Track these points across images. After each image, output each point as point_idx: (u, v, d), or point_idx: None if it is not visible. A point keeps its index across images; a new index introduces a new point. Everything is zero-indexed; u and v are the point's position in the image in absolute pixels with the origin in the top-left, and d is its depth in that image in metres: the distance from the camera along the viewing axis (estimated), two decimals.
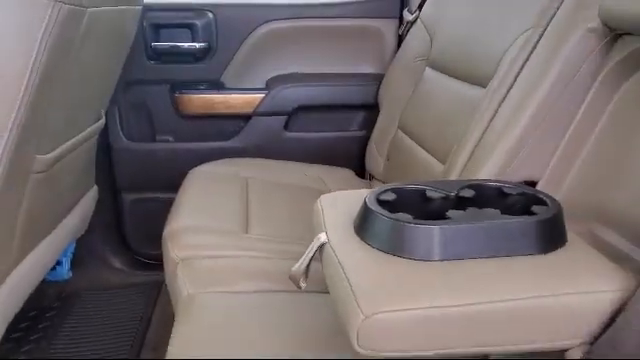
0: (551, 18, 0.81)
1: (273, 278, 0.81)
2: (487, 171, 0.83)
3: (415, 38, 1.38)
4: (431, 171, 1.06)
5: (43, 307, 1.38)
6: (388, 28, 1.53)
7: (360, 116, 1.54)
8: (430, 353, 0.48)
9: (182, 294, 0.80)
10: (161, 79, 1.50)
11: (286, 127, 1.53)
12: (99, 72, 1.08)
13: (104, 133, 1.39)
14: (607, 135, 0.77)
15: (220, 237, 0.94)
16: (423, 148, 1.16)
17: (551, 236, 0.58)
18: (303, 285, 0.61)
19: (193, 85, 1.52)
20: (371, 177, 1.45)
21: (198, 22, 1.47)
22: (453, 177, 0.92)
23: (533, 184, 0.83)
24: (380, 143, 1.39)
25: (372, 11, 1.52)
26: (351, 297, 0.48)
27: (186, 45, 1.47)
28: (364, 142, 1.48)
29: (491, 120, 0.87)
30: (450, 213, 0.58)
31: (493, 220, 0.57)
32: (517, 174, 0.82)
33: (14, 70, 0.71)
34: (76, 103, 0.98)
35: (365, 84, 1.52)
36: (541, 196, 0.63)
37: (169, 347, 0.70)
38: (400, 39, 1.50)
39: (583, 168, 0.79)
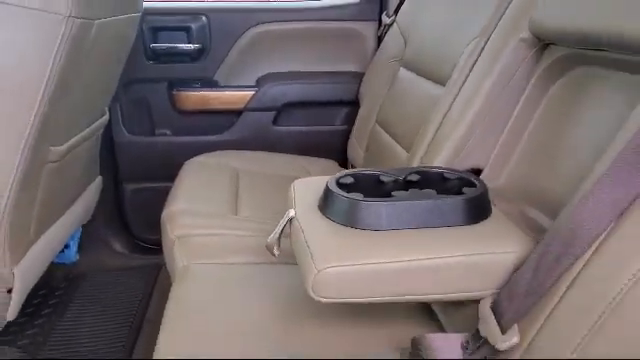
0: (494, 29, 0.94)
1: (256, 252, 0.95)
2: (441, 159, 0.96)
3: (392, 40, 1.50)
4: (399, 160, 1.19)
5: (52, 286, 1.50)
6: (368, 30, 1.65)
7: (343, 111, 1.66)
8: (370, 299, 0.62)
9: (178, 266, 0.94)
10: (159, 77, 1.61)
11: (275, 122, 1.65)
12: (104, 74, 1.20)
13: (107, 128, 1.50)
14: (538, 130, 0.90)
15: (212, 218, 1.07)
16: (395, 140, 1.28)
17: (476, 211, 0.71)
18: (277, 253, 0.74)
19: (189, 83, 1.63)
20: (352, 167, 1.57)
21: (193, 25, 1.58)
22: (414, 164, 1.05)
23: (479, 171, 0.96)
24: (360, 136, 1.52)
25: (354, 14, 1.64)
26: (308, 256, 0.62)
27: (182, 46, 1.58)
28: (346, 135, 1.60)
29: (445, 115, 1.00)
30: (395, 193, 0.71)
31: (429, 199, 0.70)
32: (465, 162, 0.95)
33: (34, 76, 0.84)
34: (84, 102, 1.11)
35: (347, 82, 1.63)
36: (473, 179, 0.77)
37: (166, 308, 0.83)
38: (379, 40, 1.61)
39: (518, 158, 0.92)
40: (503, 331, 0.59)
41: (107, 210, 1.65)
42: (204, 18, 1.58)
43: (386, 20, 1.56)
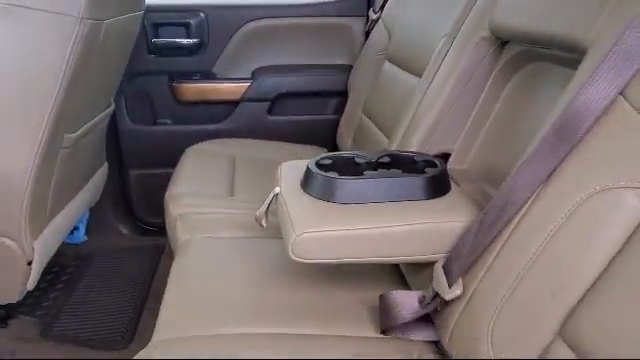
0: (460, 28, 1.04)
1: (248, 228, 1.06)
2: (415, 143, 1.07)
3: (377, 35, 1.60)
4: (382, 146, 1.30)
5: (64, 264, 1.62)
6: (356, 25, 1.75)
7: (333, 102, 1.77)
8: (340, 260, 0.73)
9: (180, 239, 1.05)
10: (161, 70, 1.70)
11: (269, 111, 1.75)
12: (111, 68, 1.31)
13: (113, 117, 1.60)
14: (498, 119, 1.01)
15: (210, 199, 1.19)
16: (378, 128, 1.39)
17: (435, 188, 0.82)
18: (264, 224, 0.86)
19: (188, 75, 1.72)
20: None
21: (192, 21, 1.67)
22: (393, 148, 1.16)
23: (448, 155, 1.08)
24: (348, 125, 1.63)
25: (343, 10, 1.74)
26: (289, 224, 0.74)
27: (182, 41, 1.68)
28: (336, 124, 1.71)
29: (419, 104, 1.11)
30: (366, 173, 0.83)
31: (394, 177, 0.81)
32: (436, 147, 1.06)
33: (51, 71, 0.95)
34: (93, 93, 1.22)
35: (337, 74, 1.73)
36: (435, 161, 0.88)
37: (170, 275, 0.95)
38: (367, 35, 1.71)
39: (481, 143, 1.03)
40: (450, 285, 0.70)
41: (113, 194, 1.76)
42: (202, 14, 1.68)
43: (372, 16, 1.66)
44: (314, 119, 1.76)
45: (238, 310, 0.81)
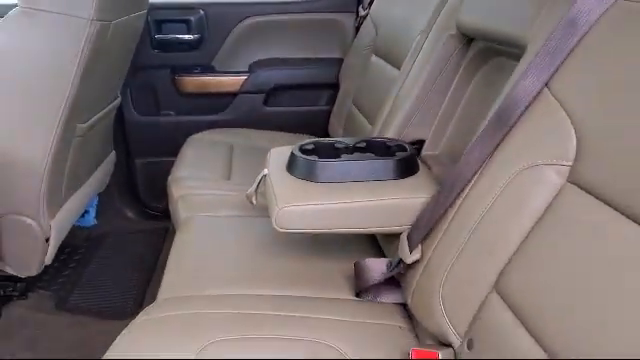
0: (432, 25, 1.15)
1: (242, 208, 1.18)
2: (393, 131, 1.18)
3: (365, 30, 1.71)
4: (367, 134, 1.41)
5: (76, 245, 1.74)
6: (347, 21, 1.85)
7: (325, 93, 1.87)
8: (316, 231, 0.85)
9: (181, 217, 1.18)
10: (163, 64, 1.81)
11: (265, 103, 1.86)
12: (118, 63, 1.42)
13: (119, 109, 1.71)
14: (466, 108, 1.12)
15: (208, 182, 1.31)
16: (365, 117, 1.50)
17: (403, 169, 0.94)
18: (254, 202, 0.98)
19: (189, 69, 1.82)
20: None
21: (192, 18, 1.78)
22: (374, 134, 1.27)
23: (423, 141, 1.19)
24: (338, 115, 1.74)
25: (334, 6, 1.83)
26: (274, 199, 0.85)
27: (183, 37, 1.78)
28: (328, 114, 1.81)
29: (397, 95, 1.22)
30: (343, 156, 0.94)
31: (368, 160, 0.93)
32: (412, 135, 1.18)
33: (66, 67, 1.06)
34: (102, 87, 1.33)
35: (329, 67, 1.84)
36: (405, 146, 0.99)
37: (172, 248, 1.07)
38: (356, 30, 1.82)
39: (451, 131, 1.14)
40: (411, 251, 0.82)
41: (120, 181, 1.88)
42: (202, 11, 1.78)
43: (361, 12, 1.77)
44: (307, 110, 1.87)
45: (231, 275, 0.93)
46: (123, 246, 1.79)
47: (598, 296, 0.53)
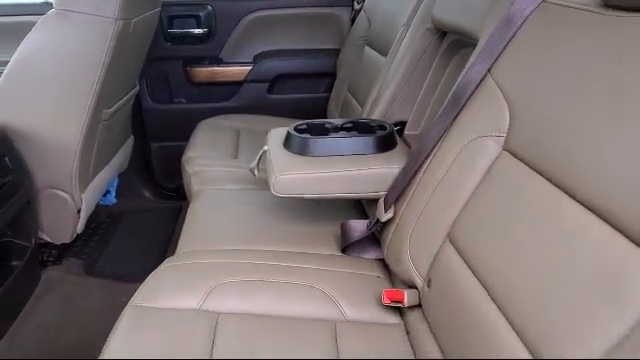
0: (412, 20, 1.30)
1: (247, 182, 1.35)
2: (378, 113, 1.34)
3: (360, 22, 1.85)
4: (358, 116, 1.57)
5: (99, 221, 1.92)
6: (343, 14, 2.00)
7: (324, 82, 2.02)
8: (308, 195, 1.02)
9: (194, 190, 1.35)
10: (176, 56, 1.96)
11: (269, 91, 2.02)
12: (136, 56, 1.59)
13: (137, 97, 1.87)
14: (441, 94, 1.27)
15: (217, 160, 1.48)
16: (358, 103, 1.66)
17: (382, 145, 1.10)
18: (256, 174, 1.15)
19: (199, 60, 1.98)
20: None
21: (201, 13, 1.93)
22: (363, 116, 1.42)
23: (405, 123, 1.34)
24: (335, 102, 1.89)
25: (331, 1, 1.97)
26: (272, 169, 1.02)
27: (193, 31, 1.93)
28: (326, 101, 1.97)
29: (382, 80, 1.37)
30: (331, 134, 1.11)
31: (352, 137, 1.09)
32: (395, 116, 1.34)
33: (93, 63, 1.23)
34: (123, 77, 1.51)
35: (327, 57, 1.99)
36: (386, 125, 1.15)
37: (187, 214, 1.25)
38: (352, 23, 1.96)
39: (429, 113, 1.30)
40: (385, 212, 0.99)
41: (137, 163, 2.04)
42: (210, 7, 1.94)
43: (356, 6, 1.91)
44: (307, 96, 2.02)
45: (236, 234, 1.11)
46: (141, 221, 1.97)
47: (521, 242, 0.66)
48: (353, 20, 1.96)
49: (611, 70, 0.61)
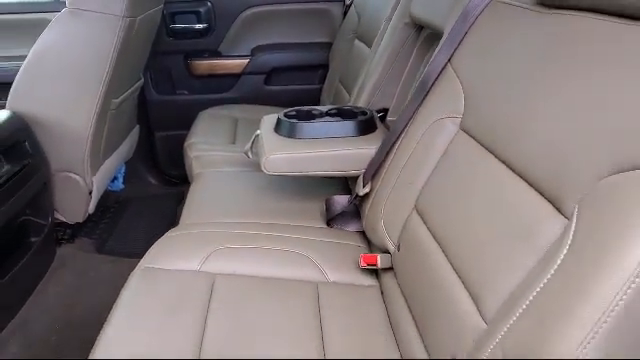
0: (393, 15, 1.42)
1: (243, 165, 1.48)
2: (363, 100, 1.46)
3: (350, 17, 1.97)
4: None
5: (108, 206, 2.05)
6: (335, 9, 2.11)
7: (317, 73, 2.14)
8: (295, 173, 1.15)
9: (195, 172, 1.48)
10: (178, 50, 2.08)
11: (266, 82, 2.13)
12: (141, 50, 1.72)
13: (142, 89, 1.99)
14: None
15: (217, 145, 1.61)
16: (347, 92, 1.78)
17: (363, 128, 1.22)
18: (250, 155, 1.28)
19: (200, 54, 2.09)
20: None
21: (201, 9, 2.04)
22: (350, 104, 1.55)
23: (387, 110, 1.47)
24: (328, 93, 2.01)
25: None
26: (263, 150, 1.15)
27: (194, 26, 2.04)
28: (320, 92, 2.09)
29: (367, 71, 1.50)
30: (317, 119, 1.23)
31: (336, 121, 1.22)
32: (379, 104, 1.46)
33: (102, 57, 1.35)
34: (129, 69, 1.63)
35: (320, 50, 2.10)
36: (367, 111, 1.28)
37: (189, 193, 1.38)
38: (344, 17, 2.08)
39: (409, 102, 1.42)
40: (363, 187, 1.11)
41: (143, 151, 2.17)
42: (209, 3, 2.05)
43: (347, 1, 2.03)
44: (302, 88, 2.13)
45: (233, 209, 1.24)
46: (147, 205, 2.10)
47: (469, 207, 0.78)
48: (345, 14, 2.07)
49: (542, 58, 0.73)
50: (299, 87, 2.15)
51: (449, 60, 0.96)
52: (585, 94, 0.59)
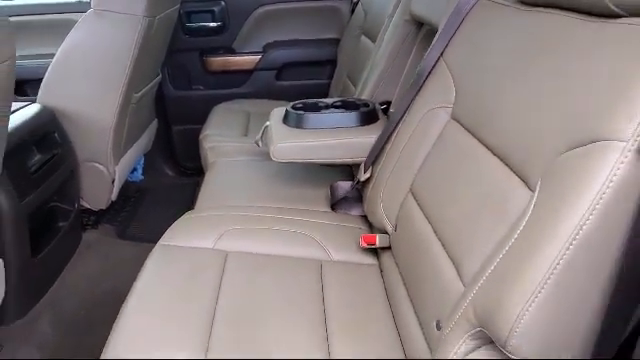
0: (395, 11, 1.50)
1: (255, 155, 1.57)
2: (367, 93, 1.54)
3: (357, 14, 2.05)
4: None
5: (128, 196, 2.16)
6: (343, 7, 2.20)
7: (326, 69, 2.22)
8: (301, 160, 1.24)
9: (209, 161, 1.59)
10: (193, 47, 2.19)
11: (277, 77, 2.23)
12: (159, 48, 1.83)
13: (160, 85, 2.09)
14: None
15: (229, 137, 1.71)
16: (354, 87, 1.86)
17: (365, 119, 1.31)
18: (260, 144, 1.37)
19: (214, 51, 2.20)
20: None
21: (216, 8, 2.15)
22: (355, 96, 1.63)
23: (390, 102, 1.54)
24: (336, 87, 2.09)
25: None
26: (272, 139, 1.24)
27: (208, 24, 2.15)
28: (329, 86, 2.18)
29: (370, 66, 1.58)
30: (323, 111, 1.32)
31: (340, 113, 1.30)
32: (382, 97, 1.53)
33: (124, 55, 1.46)
34: (149, 66, 1.74)
35: (329, 46, 2.19)
36: (369, 103, 1.36)
37: (204, 180, 1.48)
38: (351, 14, 2.16)
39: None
40: (364, 172, 1.20)
41: (160, 144, 2.28)
42: (223, 3, 2.15)
43: None
44: (311, 83, 2.23)
45: (244, 194, 1.34)
46: (165, 195, 2.22)
47: (456, 188, 0.86)
48: (352, 12, 2.15)
49: (516, 51, 0.81)
50: (309, 82, 2.24)
51: (442, 54, 1.04)
52: (548, 81, 0.67)
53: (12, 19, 0.94)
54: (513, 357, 0.58)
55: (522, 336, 0.56)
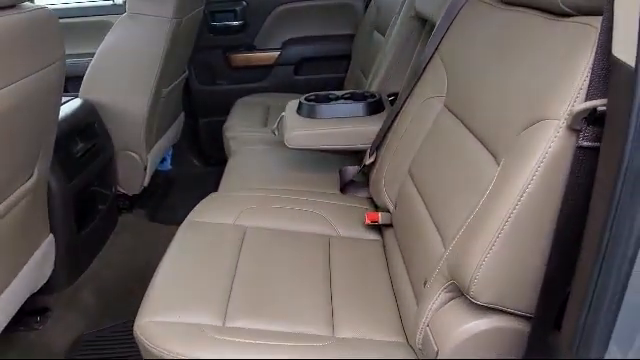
0: (401, 9, 1.61)
1: (272, 143, 1.71)
2: (376, 85, 1.66)
3: (371, 11, 2.16)
4: None
5: (158, 183, 2.32)
6: (358, 4, 2.31)
7: (342, 63, 2.33)
8: (313, 147, 1.37)
9: (232, 149, 1.74)
10: (217, 45, 2.34)
11: (295, 72, 2.36)
12: (186, 46, 1.99)
13: (187, 80, 2.26)
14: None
15: (250, 127, 1.86)
16: (366, 80, 1.98)
17: (372, 109, 1.43)
18: (276, 133, 1.51)
19: (237, 48, 2.35)
20: None
21: (238, 8, 2.29)
22: (366, 89, 1.75)
23: (397, 94, 1.66)
24: (350, 81, 2.21)
25: None
26: (287, 127, 1.38)
27: (231, 23, 2.29)
28: (343, 80, 2.30)
29: (379, 58, 1.69)
30: (333, 102, 1.45)
31: (348, 104, 1.43)
32: (389, 89, 1.65)
33: (155, 53, 1.63)
34: (177, 63, 1.90)
35: (344, 42, 2.31)
36: (376, 94, 1.48)
37: (227, 164, 1.63)
38: (365, 11, 2.27)
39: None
40: (369, 157, 1.33)
41: (188, 136, 2.45)
42: (245, 2, 2.30)
43: None
44: (328, 77, 2.35)
45: (262, 178, 1.48)
46: (191, 183, 2.39)
47: (444, 168, 0.98)
48: (366, 8, 2.26)
49: (493, 45, 0.92)
50: (325, 76, 2.36)
51: (437, 48, 1.16)
52: (513, 72, 0.79)
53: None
54: (476, 302, 0.70)
55: (481, 283, 0.68)
